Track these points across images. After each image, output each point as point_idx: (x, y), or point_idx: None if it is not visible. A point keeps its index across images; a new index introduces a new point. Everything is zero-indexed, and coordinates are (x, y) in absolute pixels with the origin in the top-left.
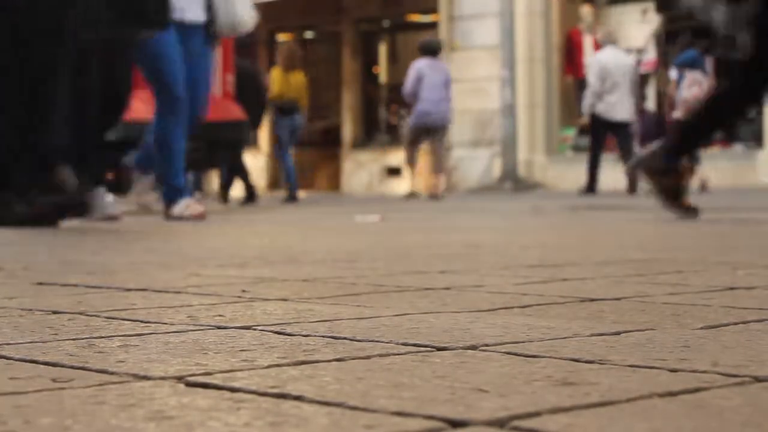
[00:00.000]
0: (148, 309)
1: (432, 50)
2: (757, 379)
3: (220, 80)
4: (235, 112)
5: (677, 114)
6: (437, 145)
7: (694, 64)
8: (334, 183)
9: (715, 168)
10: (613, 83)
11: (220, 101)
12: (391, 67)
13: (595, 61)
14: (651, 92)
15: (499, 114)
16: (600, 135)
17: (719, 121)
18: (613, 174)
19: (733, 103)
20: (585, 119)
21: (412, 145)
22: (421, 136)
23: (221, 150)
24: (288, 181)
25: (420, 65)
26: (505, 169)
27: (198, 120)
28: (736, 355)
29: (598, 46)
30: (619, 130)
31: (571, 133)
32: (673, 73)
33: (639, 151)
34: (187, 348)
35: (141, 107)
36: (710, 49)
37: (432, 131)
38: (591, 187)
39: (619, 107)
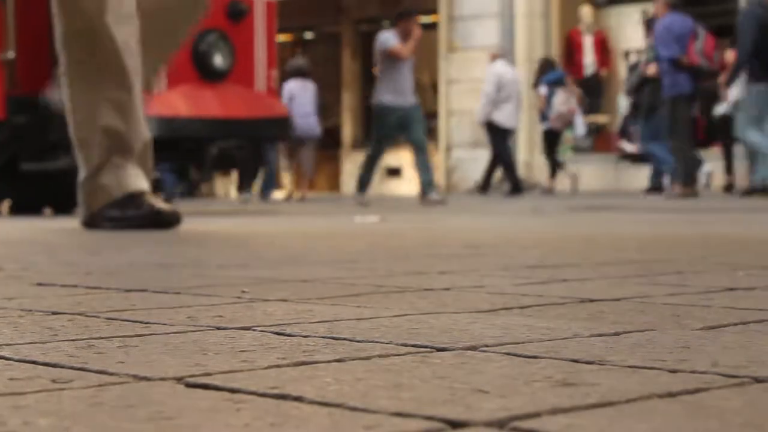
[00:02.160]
0: (147, 310)
1: (301, 72)
2: (757, 380)
3: (264, 76)
4: (279, 108)
5: (548, 125)
6: (308, 154)
7: (561, 82)
8: (334, 184)
9: (713, 169)
10: (507, 94)
11: (265, 97)
12: None
13: (492, 71)
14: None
15: None
16: (499, 140)
17: None
18: (605, 174)
19: None
20: (479, 126)
21: (291, 155)
22: (297, 146)
23: (265, 148)
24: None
25: (290, 86)
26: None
27: None
28: (736, 356)
29: (598, 46)
30: (508, 135)
31: (571, 134)
32: (542, 89)
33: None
34: (187, 349)
35: (180, 102)
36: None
37: (306, 141)
38: (516, 187)
39: (511, 116)
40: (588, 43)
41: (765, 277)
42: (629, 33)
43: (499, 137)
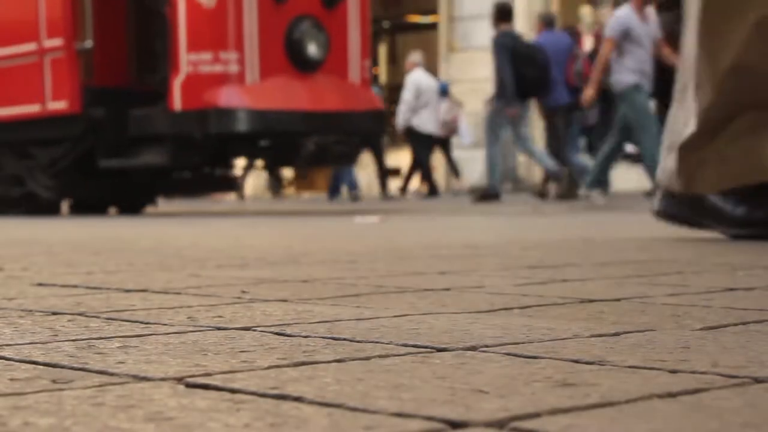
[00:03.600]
0: (147, 310)
1: None
2: (757, 380)
3: (358, 66)
4: (375, 101)
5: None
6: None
7: (445, 93)
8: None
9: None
10: (425, 101)
11: (360, 89)
12: (391, 68)
13: (411, 79)
14: None
15: None
16: (418, 145)
17: None
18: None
19: None
20: (400, 131)
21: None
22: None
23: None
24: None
25: None
26: (504, 170)
27: None
28: (735, 356)
29: (598, 46)
30: (431, 141)
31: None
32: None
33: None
34: (187, 349)
35: (273, 94)
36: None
37: None
38: (432, 190)
39: (429, 121)
40: (588, 43)
41: (765, 277)
42: None
43: (418, 142)
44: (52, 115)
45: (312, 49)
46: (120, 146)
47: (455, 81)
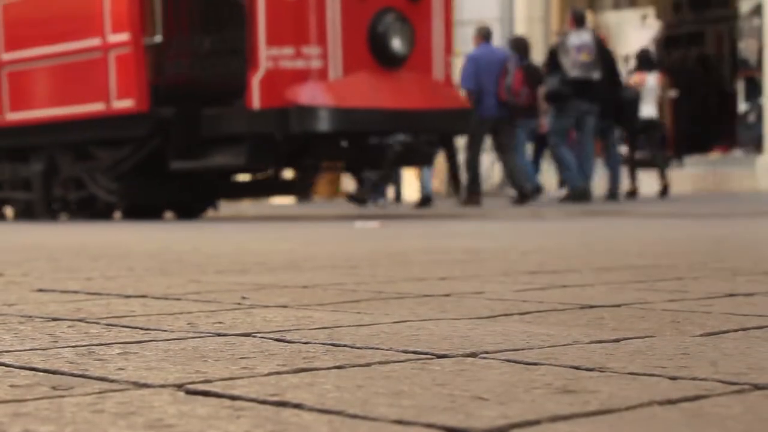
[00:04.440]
0: (147, 316)
1: None
2: (757, 387)
3: (442, 63)
4: (460, 99)
5: None
6: None
7: None
8: (334, 189)
9: (714, 173)
10: None
11: (444, 86)
12: None
13: None
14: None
15: None
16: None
17: None
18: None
19: None
20: None
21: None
22: None
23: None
24: None
25: None
26: (505, 175)
27: None
28: (735, 363)
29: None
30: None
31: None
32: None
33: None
34: (187, 355)
35: (358, 91)
36: None
37: None
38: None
39: None
40: None
41: (765, 283)
42: (629, 37)
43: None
44: (116, 115)
45: (396, 44)
46: (191, 147)
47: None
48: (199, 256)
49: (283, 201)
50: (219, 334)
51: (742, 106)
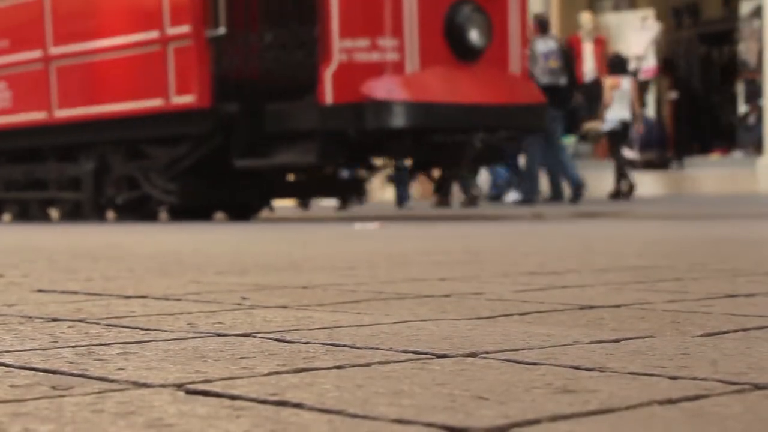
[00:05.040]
0: (147, 316)
1: None
2: (757, 387)
3: (519, 56)
4: (537, 94)
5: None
6: None
7: None
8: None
9: (714, 174)
10: None
11: (521, 81)
12: None
13: None
14: (651, 99)
15: None
16: None
17: None
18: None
19: None
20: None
21: None
22: None
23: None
24: None
25: None
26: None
27: None
28: (736, 363)
29: (598, 52)
30: None
31: (570, 141)
32: None
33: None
34: (187, 355)
35: (436, 85)
36: None
37: None
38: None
39: None
40: (588, 49)
41: (765, 284)
42: (629, 39)
43: None
44: (175, 111)
45: (474, 36)
46: (255, 144)
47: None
48: (198, 257)
49: (329, 202)
50: (219, 335)
51: (742, 108)
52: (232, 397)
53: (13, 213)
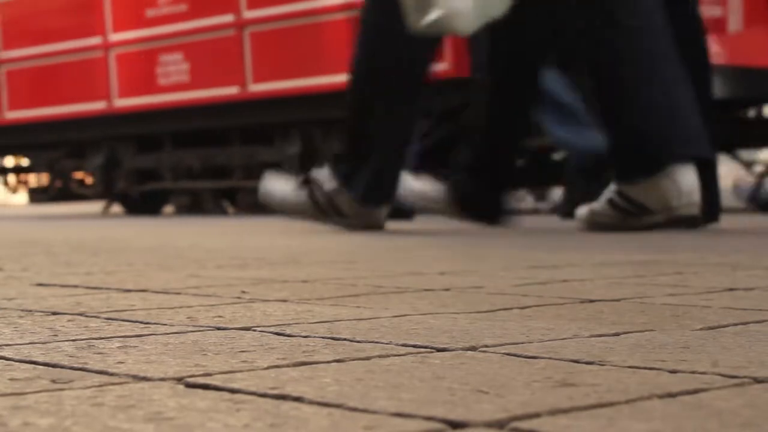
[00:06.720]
0: (147, 310)
1: None
2: (757, 380)
3: None
4: None
5: None
6: None
7: None
8: None
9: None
10: None
11: None
12: None
13: None
14: None
15: None
16: None
17: None
18: None
19: None
20: None
21: None
22: None
23: None
24: None
25: None
26: None
27: None
28: (735, 357)
29: None
30: None
31: None
32: None
33: None
34: (187, 349)
35: (754, 49)
36: None
37: None
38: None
39: None
40: None
41: (765, 277)
42: None
43: None
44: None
45: None
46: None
47: None
48: (198, 251)
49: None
50: (219, 328)
51: None
52: (232, 391)
53: (180, 204)
